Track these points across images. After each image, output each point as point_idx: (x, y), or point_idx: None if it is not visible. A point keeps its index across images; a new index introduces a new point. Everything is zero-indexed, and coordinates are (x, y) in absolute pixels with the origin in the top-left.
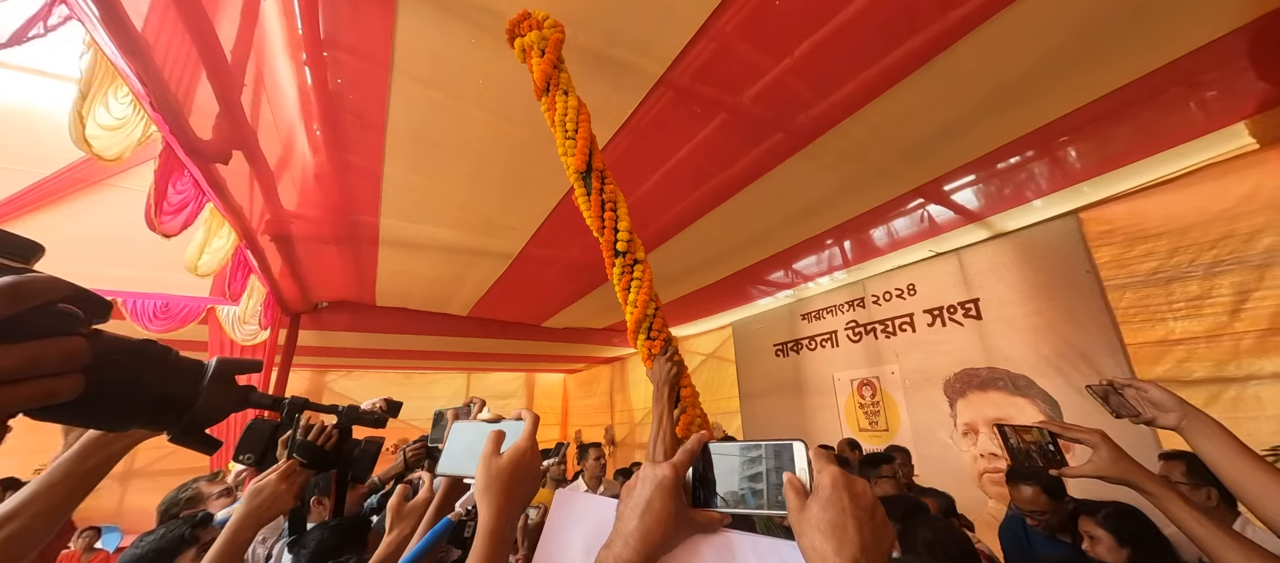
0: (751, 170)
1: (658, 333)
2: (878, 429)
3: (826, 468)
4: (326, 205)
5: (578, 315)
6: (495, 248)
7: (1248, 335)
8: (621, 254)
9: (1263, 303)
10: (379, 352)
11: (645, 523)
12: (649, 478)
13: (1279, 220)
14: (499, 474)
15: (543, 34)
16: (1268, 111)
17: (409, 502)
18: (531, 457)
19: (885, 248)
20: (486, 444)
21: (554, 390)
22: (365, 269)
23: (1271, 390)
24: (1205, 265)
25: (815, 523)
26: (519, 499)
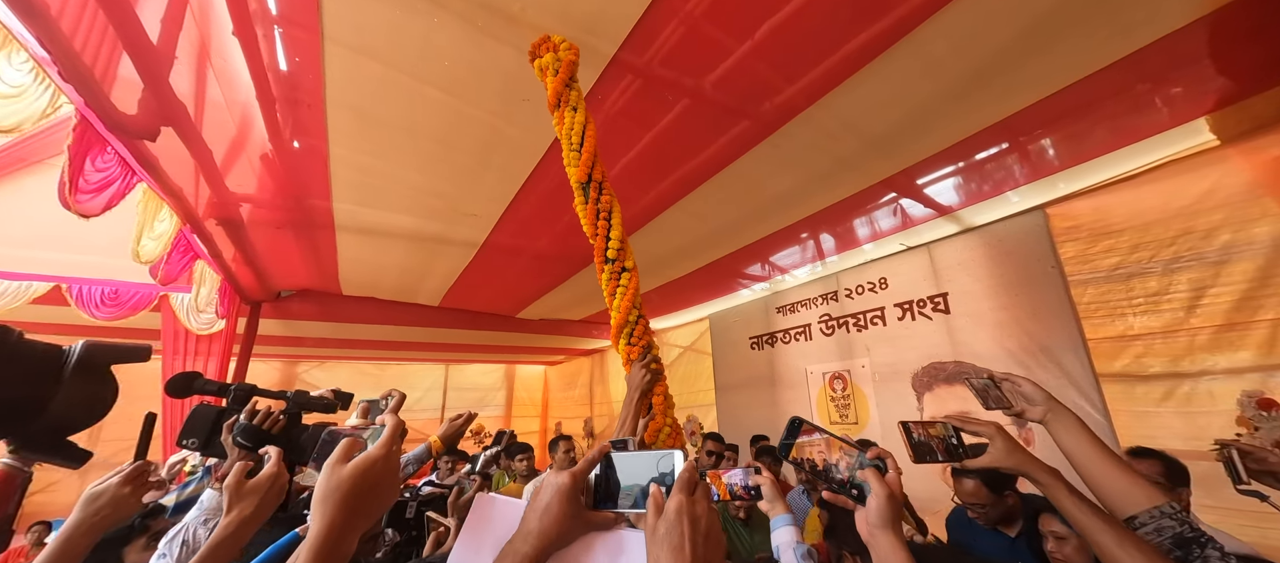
0: (718, 159)
1: (639, 338)
2: (848, 422)
3: (676, 495)
4: (275, 188)
5: (552, 306)
6: (459, 236)
7: (1202, 331)
8: (611, 260)
9: (1218, 299)
10: (351, 342)
11: (543, 524)
12: (551, 485)
13: (1236, 218)
14: (338, 486)
15: (558, 56)
16: (1227, 108)
17: (251, 479)
18: (383, 469)
19: (857, 241)
20: (335, 451)
21: (534, 383)
22: (324, 256)
23: (1224, 386)
24: (1164, 262)
25: (660, 541)
26: (360, 515)
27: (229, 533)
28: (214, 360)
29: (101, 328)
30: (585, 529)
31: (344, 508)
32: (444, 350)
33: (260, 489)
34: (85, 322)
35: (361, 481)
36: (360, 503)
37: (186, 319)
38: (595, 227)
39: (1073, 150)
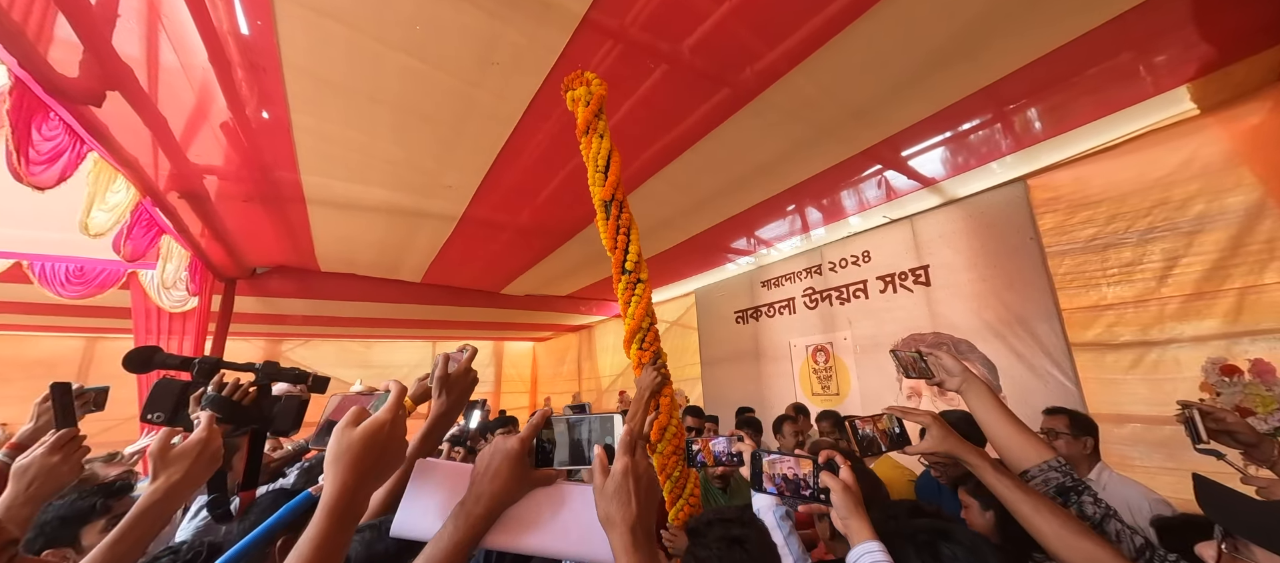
0: (699, 128)
1: (650, 344)
2: (830, 394)
3: (621, 458)
4: (239, 160)
5: (537, 282)
6: (436, 209)
7: (1172, 301)
8: (628, 272)
9: (1189, 269)
10: (334, 320)
11: (494, 487)
12: (499, 449)
13: (1211, 188)
14: (349, 448)
15: (590, 90)
16: (1210, 75)
17: (177, 445)
18: (390, 432)
19: (842, 213)
20: (346, 416)
21: (523, 359)
22: (298, 231)
23: (1190, 353)
24: (1140, 232)
25: (609, 497)
26: (370, 475)
27: (155, 500)
28: (189, 339)
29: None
30: (531, 487)
31: (355, 469)
32: (429, 327)
33: (188, 455)
34: (51, 300)
35: (370, 442)
36: (370, 464)
37: (157, 297)
38: (615, 241)
39: (1055, 120)
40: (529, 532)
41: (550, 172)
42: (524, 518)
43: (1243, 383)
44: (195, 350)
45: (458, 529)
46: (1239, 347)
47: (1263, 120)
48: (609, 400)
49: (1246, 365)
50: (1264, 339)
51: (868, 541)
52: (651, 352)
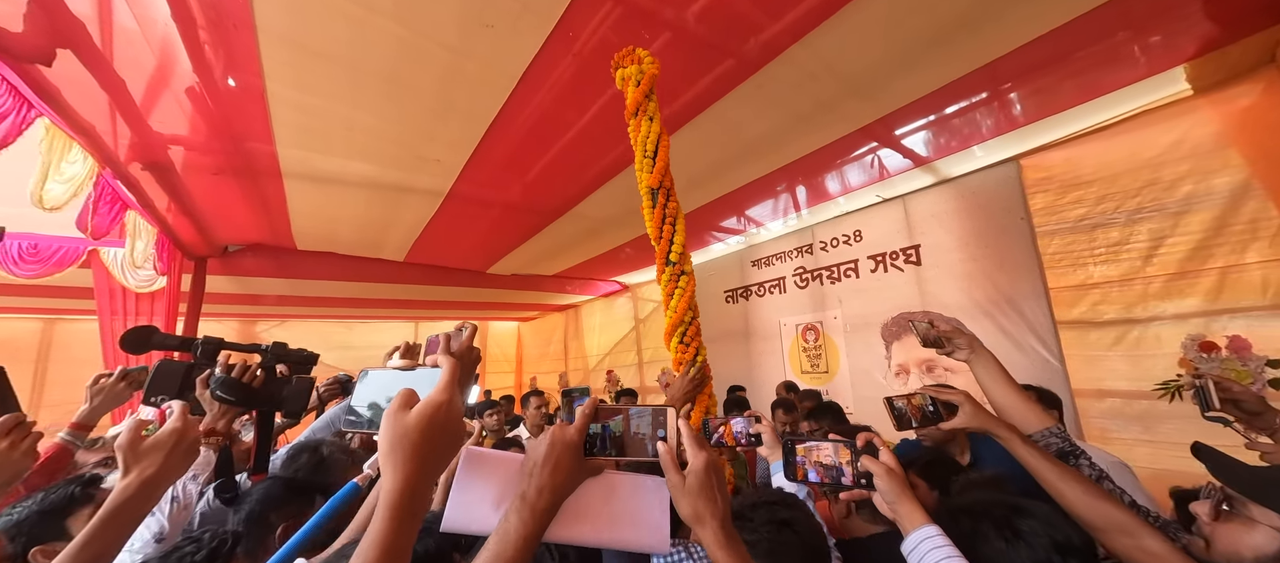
0: (701, 100)
1: (691, 338)
2: (819, 372)
3: (699, 453)
4: (208, 129)
5: (524, 261)
6: (422, 185)
7: (1156, 280)
8: (672, 264)
9: (1174, 249)
10: (313, 299)
11: (556, 478)
12: (558, 441)
13: (1200, 169)
14: (406, 435)
15: (641, 69)
16: (1207, 55)
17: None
18: (448, 413)
19: (834, 193)
20: (394, 400)
21: (508, 339)
22: (274, 208)
23: (1170, 330)
24: (1128, 212)
25: (694, 492)
26: (433, 464)
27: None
28: (159, 320)
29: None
30: (585, 475)
31: (416, 457)
32: (412, 307)
33: (163, 447)
34: (3, 280)
35: (428, 426)
36: (431, 450)
37: (122, 276)
38: (661, 231)
39: (1049, 101)
40: (583, 522)
41: (541, 148)
42: (577, 509)
43: (1220, 359)
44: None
45: (523, 523)
46: (1218, 324)
47: (1254, 102)
48: (597, 380)
49: (1224, 342)
50: (1242, 317)
51: (923, 525)
52: (694, 347)
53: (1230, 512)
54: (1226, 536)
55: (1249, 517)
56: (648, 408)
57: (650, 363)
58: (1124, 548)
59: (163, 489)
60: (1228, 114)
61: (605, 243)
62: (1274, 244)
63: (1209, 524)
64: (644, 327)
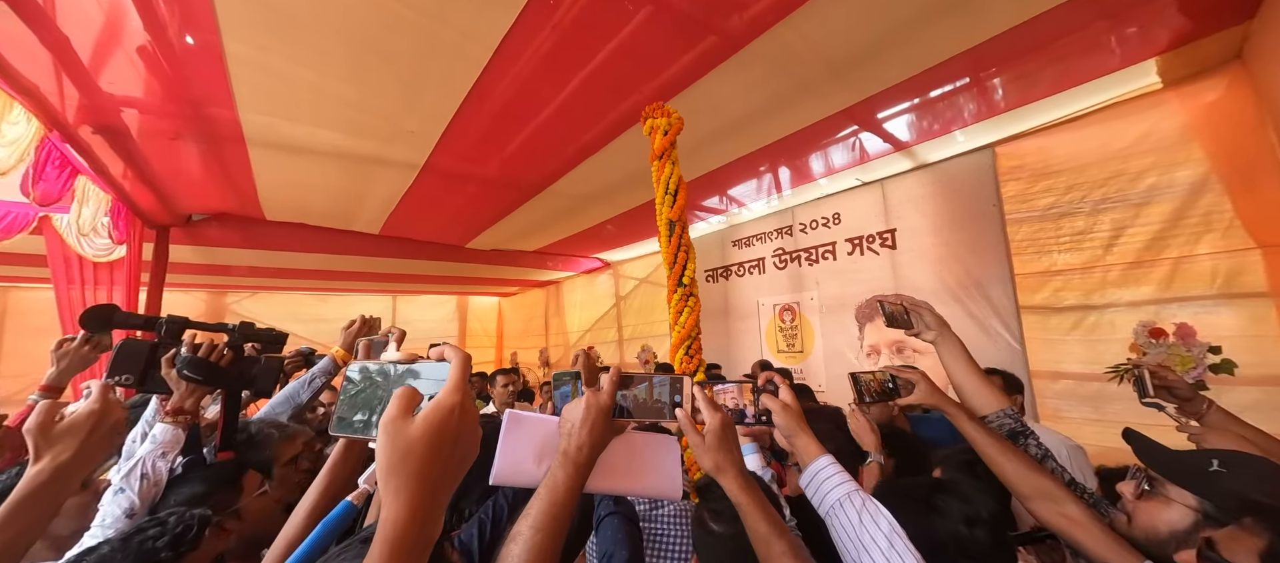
0: (684, 76)
1: (695, 352)
2: (794, 352)
3: (714, 414)
4: (163, 91)
5: (504, 237)
6: (396, 157)
7: (1115, 268)
8: (683, 285)
9: (1133, 238)
10: (286, 271)
11: (593, 436)
12: (592, 404)
13: (1163, 162)
14: (410, 451)
15: (670, 121)
16: (1179, 48)
17: (62, 421)
18: (462, 419)
19: (816, 174)
20: (392, 405)
21: (488, 314)
22: (238, 176)
23: (1124, 317)
24: (1094, 202)
25: (714, 449)
26: (444, 485)
27: (39, 484)
28: (119, 290)
29: None
30: (613, 434)
31: (423, 480)
32: (389, 281)
33: (79, 431)
34: None
35: (438, 438)
36: (443, 468)
37: (77, 244)
38: (675, 257)
39: (1028, 88)
40: (611, 475)
41: (520, 121)
42: (606, 464)
43: (1167, 345)
44: (128, 303)
45: (568, 476)
46: (1167, 311)
47: (1219, 97)
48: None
49: (1172, 329)
50: (1190, 305)
51: (818, 456)
52: (697, 361)
53: (1150, 491)
54: (1146, 513)
55: (1166, 496)
56: (666, 377)
57: (630, 340)
58: (1048, 513)
59: (81, 475)
60: (1193, 108)
61: (586, 220)
62: (1225, 237)
63: (1131, 502)
64: (625, 304)
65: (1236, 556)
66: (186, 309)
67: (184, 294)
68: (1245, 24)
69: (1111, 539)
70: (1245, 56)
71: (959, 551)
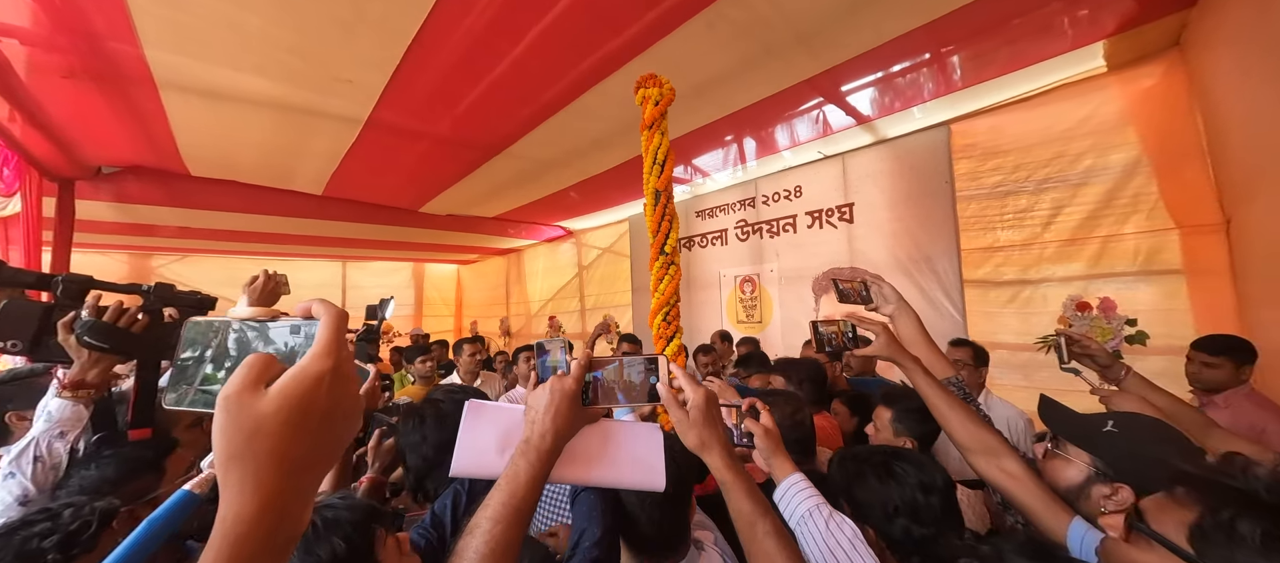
0: (647, 35)
1: (672, 319)
2: (753, 322)
3: (696, 390)
4: (50, 22)
5: (461, 201)
6: (335, 109)
7: (1051, 245)
8: (665, 253)
9: (1070, 217)
10: (219, 233)
11: (557, 423)
12: (557, 389)
13: (1100, 145)
14: (260, 430)
15: (662, 91)
16: (1125, 32)
17: None
18: (334, 390)
19: (779, 146)
20: (236, 376)
21: (446, 282)
22: (152, 123)
23: (1056, 291)
24: (1037, 182)
25: (698, 425)
26: (312, 465)
27: None
28: (16, 249)
29: None
30: (583, 423)
31: (278, 465)
32: (337, 246)
33: None
34: None
35: (299, 414)
36: (308, 449)
37: None
38: (659, 226)
39: (984, 66)
40: (585, 465)
41: (474, 76)
42: (578, 453)
43: (1090, 317)
44: (27, 262)
45: (530, 465)
46: (1094, 287)
47: (1155, 84)
48: (538, 325)
49: (1096, 302)
50: (1114, 281)
51: (790, 474)
52: (675, 327)
53: (1055, 452)
54: (1051, 470)
55: (1067, 457)
56: (639, 357)
57: (593, 310)
58: (988, 467)
59: None
60: (1132, 93)
61: (548, 185)
62: (1149, 217)
63: (1041, 461)
64: (588, 274)
65: (1165, 527)
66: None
67: (101, 256)
68: (1186, 11)
69: (1046, 494)
70: (1183, 44)
71: (913, 516)
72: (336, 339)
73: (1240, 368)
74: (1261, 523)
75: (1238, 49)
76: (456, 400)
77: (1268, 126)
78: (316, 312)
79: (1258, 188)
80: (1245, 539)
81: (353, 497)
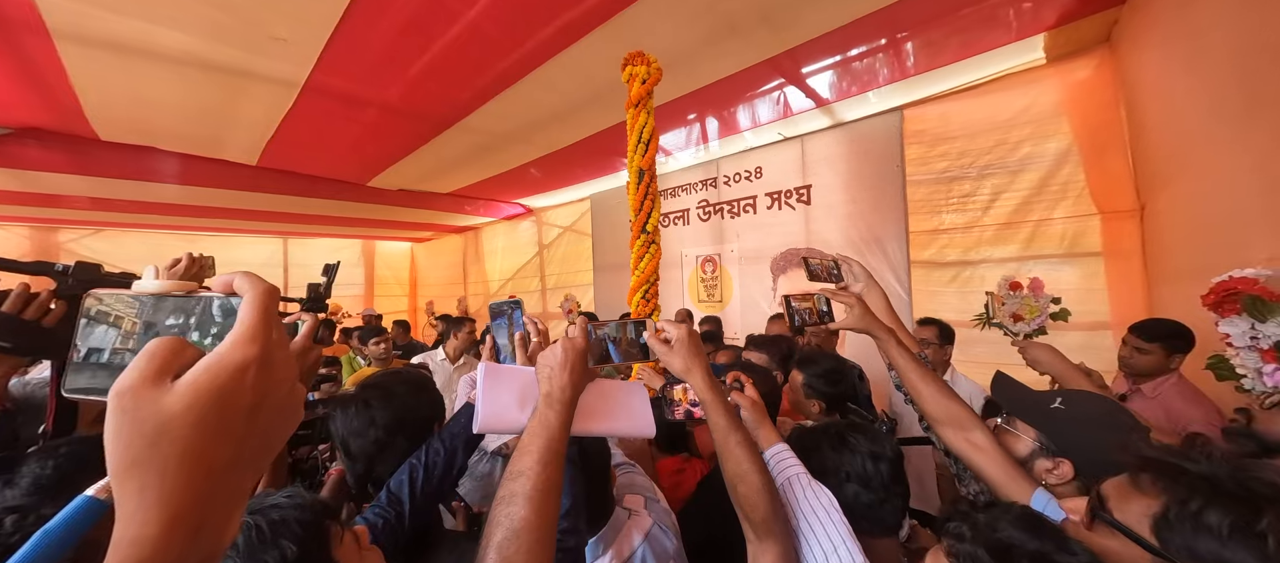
0: (608, 6)
1: (651, 297)
2: (714, 302)
3: (678, 327)
4: None
5: (411, 176)
6: (265, 71)
7: (990, 228)
8: (646, 232)
9: (1007, 203)
10: (140, 205)
11: (573, 377)
12: (568, 347)
13: (1038, 134)
14: (165, 432)
15: (649, 69)
16: (1063, 26)
17: None
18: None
19: (740, 127)
20: (135, 365)
21: (399, 260)
22: (50, 81)
23: (992, 271)
24: (980, 168)
25: (682, 354)
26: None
27: None
28: None
29: None
30: (588, 379)
31: (191, 473)
32: (276, 221)
33: None
34: None
35: (217, 411)
36: (229, 454)
37: None
38: (641, 205)
39: (936, 54)
40: (587, 417)
41: (424, 39)
42: (583, 407)
43: (1021, 295)
44: None
45: (557, 414)
46: (1026, 267)
47: (1088, 77)
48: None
49: (1027, 282)
50: (1044, 262)
51: (775, 444)
52: (653, 304)
53: (1005, 426)
54: (1003, 443)
55: (1016, 432)
56: (631, 321)
57: (554, 289)
58: (956, 439)
59: None
60: (1067, 85)
61: (507, 161)
62: (1077, 203)
63: None
64: (548, 253)
65: (1128, 515)
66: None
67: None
68: (1117, 8)
69: (1011, 467)
70: (1113, 40)
71: (863, 482)
72: (263, 320)
73: (1171, 357)
74: (1229, 514)
75: (1159, 47)
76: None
77: (1181, 120)
78: (239, 286)
79: (1169, 177)
80: (1212, 530)
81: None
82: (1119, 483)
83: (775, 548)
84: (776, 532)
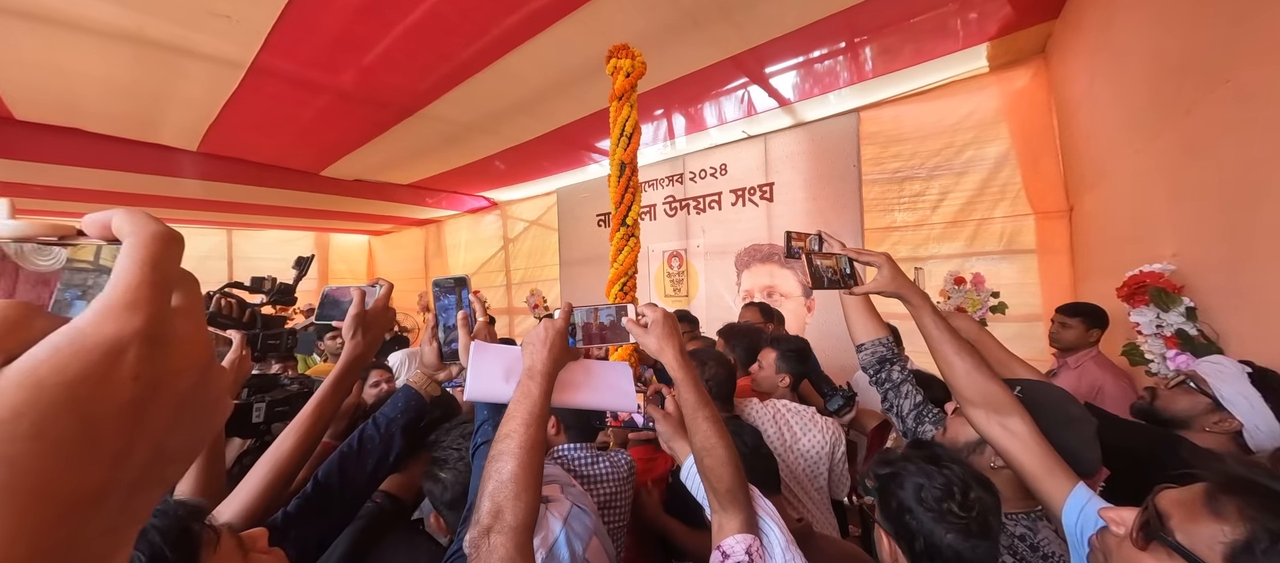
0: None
1: (630, 289)
2: (680, 295)
3: (654, 310)
4: None
5: (369, 165)
6: (209, 49)
7: (937, 226)
8: (626, 225)
9: (953, 202)
10: (63, 191)
11: (552, 354)
12: (550, 328)
13: (980, 138)
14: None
15: (634, 63)
16: (1004, 37)
17: None
18: (139, 372)
19: (706, 124)
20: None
21: (355, 254)
22: None
23: (939, 267)
24: (929, 169)
25: (658, 335)
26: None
27: None
28: None
29: None
30: (568, 359)
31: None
32: (219, 211)
33: None
34: None
35: (65, 413)
36: (92, 474)
37: None
38: (622, 197)
39: (892, 59)
40: (573, 391)
41: (383, 23)
42: (566, 382)
43: (964, 290)
44: None
45: (538, 385)
46: (969, 264)
47: (1025, 85)
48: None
49: (970, 277)
50: (985, 259)
51: (690, 455)
52: (631, 297)
53: (957, 411)
54: (953, 427)
55: (966, 417)
56: (612, 305)
57: (519, 285)
58: (989, 424)
59: None
60: (1006, 93)
61: (470, 152)
62: (1014, 204)
63: (947, 418)
64: (514, 247)
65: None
66: None
67: None
68: (1051, 22)
69: (1049, 459)
70: (1047, 51)
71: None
72: (150, 279)
73: (1089, 330)
74: None
75: (1086, 60)
76: None
77: (1103, 129)
78: (119, 227)
79: (1094, 181)
80: None
81: (166, 500)
82: (1185, 501)
83: (739, 516)
84: (740, 501)
